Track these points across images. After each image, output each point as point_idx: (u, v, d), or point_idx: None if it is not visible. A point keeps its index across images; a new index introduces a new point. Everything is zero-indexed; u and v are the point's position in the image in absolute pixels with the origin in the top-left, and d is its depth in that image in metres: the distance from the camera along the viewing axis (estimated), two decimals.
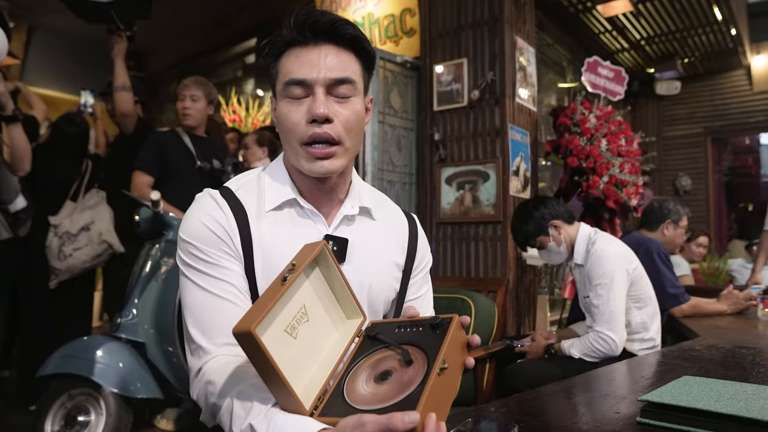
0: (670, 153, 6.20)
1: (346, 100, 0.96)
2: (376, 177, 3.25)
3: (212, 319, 0.92)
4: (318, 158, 0.95)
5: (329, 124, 0.94)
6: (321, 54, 0.95)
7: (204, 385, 0.89)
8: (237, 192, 1.01)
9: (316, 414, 0.75)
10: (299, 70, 0.94)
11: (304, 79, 0.94)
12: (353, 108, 0.97)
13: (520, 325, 3.20)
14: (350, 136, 0.97)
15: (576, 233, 2.24)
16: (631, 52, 5.43)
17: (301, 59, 0.95)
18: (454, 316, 0.84)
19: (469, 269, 3.21)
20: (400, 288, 1.10)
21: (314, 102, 0.93)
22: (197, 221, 0.96)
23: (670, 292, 2.51)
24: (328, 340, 0.89)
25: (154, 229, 2.37)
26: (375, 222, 1.08)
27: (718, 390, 0.95)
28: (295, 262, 0.83)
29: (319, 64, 0.94)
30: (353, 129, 0.98)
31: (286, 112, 0.96)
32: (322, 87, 0.94)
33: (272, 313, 0.77)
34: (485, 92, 3.17)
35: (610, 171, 3.27)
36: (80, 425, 2.11)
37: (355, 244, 1.01)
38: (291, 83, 0.95)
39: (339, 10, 4.26)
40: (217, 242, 0.95)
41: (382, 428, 0.64)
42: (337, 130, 0.95)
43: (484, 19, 3.23)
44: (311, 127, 0.94)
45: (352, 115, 0.97)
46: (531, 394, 1.15)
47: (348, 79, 0.95)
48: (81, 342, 2.20)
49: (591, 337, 2.04)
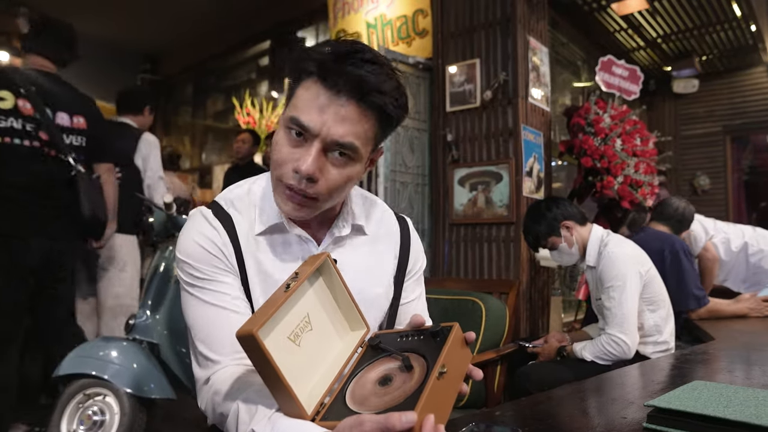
0: (688, 152, 6.10)
1: (341, 163, 0.90)
2: (389, 178, 3.25)
3: (216, 330, 0.93)
4: (288, 200, 0.91)
5: (310, 183, 0.88)
6: (336, 108, 0.86)
7: (211, 395, 0.90)
8: (228, 209, 1.00)
9: (317, 419, 0.76)
10: (307, 113, 0.87)
11: (307, 126, 0.86)
12: (346, 173, 0.91)
13: (533, 328, 3.18)
14: (332, 197, 0.92)
15: (588, 234, 2.21)
16: (648, 50, 5.36)
17: (314, 102, 0.87)
18: (455, 325, 0.85)
19: (482, 270, 3.19)
20: (394, 294, 1.10)
21: (306, 155, 0.87)
22: (190, 240, 0.97)
23: (696, 293, 2.45)
24: (332, 349, 0.89)
25: (166, 232, 2.40)
26: (367, 237, 1.07)
27: (728, 395, 0.93)
28: (298, 272, 0.84)
29: (328, 118, 0.86)
30: (337, 190, 0.92)
31: (280, 144, 0.91)
32: (320, 144, 0.87)
33: (275, 318, 0.78)
34: (498, 93, 3.15)
35: (624, 171, 3.23)
36: (95, 424, 2.14)
37: (347, 263, 1.00)
38: (294, 122, 0.88)
39: (351, 12, 4.27)
40: (210, 259, 0.95)
41: (380, 427, 0.65)
42: (317, 190, 0.89)
43: (497, 19, 3.22)
44: (294, 176, 0.89)
45: (341, 179, 0.91)
46: (539, 397, 1.14)
47: (350, 146, 0.88)
48: (96, 342, 2.24)
49: (603, 339, 2.02)
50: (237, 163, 4.49)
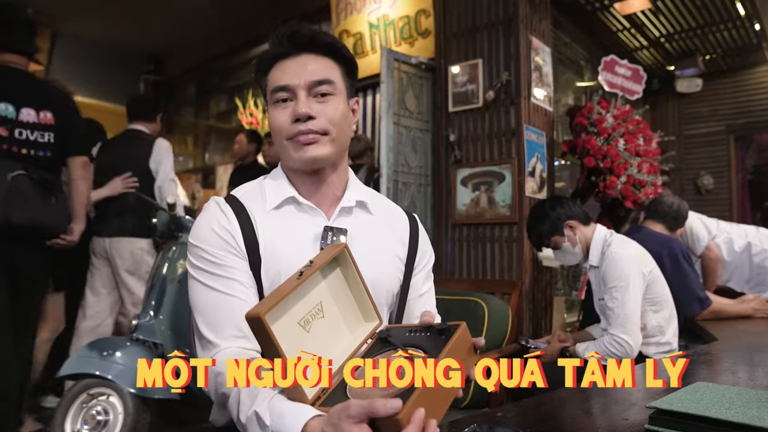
0: (692, 152, 6.08)
1: (327, 98, 1.04)
2: (392, 179, 3.25)
3: (221, 315, 0.98)
4: (304, 144, 1.03)
5: (312, 120, 1.02)
6: (301, 61, 1.05)
7: (214, 376, 0.93)
8: (241, 198, 1.07)
9: (317, 404, 0.78)
10: (282, 77, 1.04)
11: (287, 84, 1.03)
12: (335, 105, 1.05)
13: (536, 328, 3.18)
14: (336, 128, 1.05)
15: (591, 234, 2.21)
16: (651, 49, 5.34)
17: (284, 68, 1.05)
18: (462, 324, 0.86)
19: (485, 271, 3.19)
20: (403, 282, 1.13)
21: (297, 103, 1.03)
22: (205, 226, 1.03)
23: (700, 294, 2.43)
24: (342, 339, 0.92)
25: (170, 232, 2.41)
26: (373, 216, 1.13)
27: (731, 397, 0.93)
28: (313, 260, 0.87)
29: (300, 70, 1.04)
30: (337, 123, 1.05)
31: (274, 115, 1.06)
32: (304, 90, 1.03)
33: (285, 303, 0.81)
34: (500, 93, 3.15)
35: (627, 171, 3.22)
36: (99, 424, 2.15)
37: (355, 236, 1.06)
38: (277, 90, 1.04)
39: (354, 12, 4.28)
40: (222, 243, 1.01)
41: (364, 411, 0.69)
42: (320, 124, 1.03)
43: (499, 19, 3.21)
44: (296, 125, 1.02)
45: (334, 112, 1.04)
46: (541, 398, 1.14)
47: (326, 80, 1.04)
48: (100, 343, 2.25)
49: (606, 340, 2.02)
50: (239, 164, 4.51)
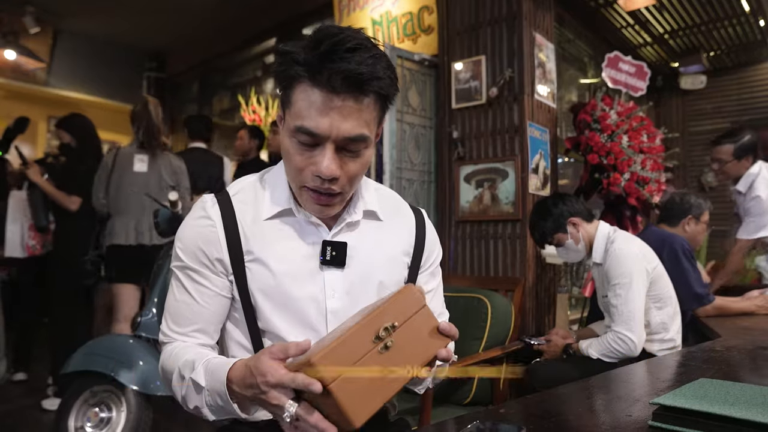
0: (696, 148, 6.06)
1: (357, 155, 0.92)
2: (395, 176, 3.24)
3: (184, 313, 1.00)
4: (316, 203, 0.95)
5: (334, 180, 0.91)
6: (342, 111, 0.86)
7: (163, 360, 0.99)
8: (234, 197, 1.02)
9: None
10: (311, 118, 0.86)
11: (318, 134, 0.87)
12: (362, 161, 0.93)
13: (539, 325, 3.17)
14: (353, 185, 0.96)
15: (595, 231, 2.20)
16: (655, 46, 5.32)
17: (316, 106, 0.86)
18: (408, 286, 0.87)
19: (488, 268, 3.18)
20: (408, 280, 1.09)
21: (322, 158, 0.88)
22: (188, 229, 1.02)
23: (698, 291, 2.41)
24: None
25: (172, 229, 2.41)
26: (381, 222, 1.08)
27: (735, 393, 0.92)
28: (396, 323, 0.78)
29: (333, 119, 0.86)
30: (357, 178, 0.95)
31: (292, 152, 0.92)
32: (333, 144, 0.88)
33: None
34: (504, 89, 3.14)
35: (631, 168, 3.21)
36: (102, 421, 2.16)
37: (359, 247, 1.02)
38: (302, 131, 0.87)
39: (357, 9, 4.26)
40: (199, 253, 0.99)
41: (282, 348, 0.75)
42: (341, 184, 0.92)
43: (503, 15, 3.20)
44: (316, 179, 0.91)
45: (359, 168, 0.93)
46: (544, 395, 1.14)
47: (362, 136, 0.89)
48: (103, 340, 2.26)
49: (609, 337, 2.01)
50: (242, 160, 4.51)
